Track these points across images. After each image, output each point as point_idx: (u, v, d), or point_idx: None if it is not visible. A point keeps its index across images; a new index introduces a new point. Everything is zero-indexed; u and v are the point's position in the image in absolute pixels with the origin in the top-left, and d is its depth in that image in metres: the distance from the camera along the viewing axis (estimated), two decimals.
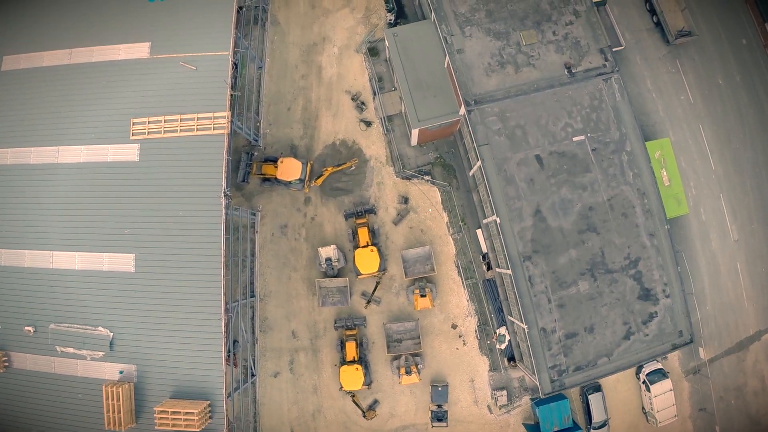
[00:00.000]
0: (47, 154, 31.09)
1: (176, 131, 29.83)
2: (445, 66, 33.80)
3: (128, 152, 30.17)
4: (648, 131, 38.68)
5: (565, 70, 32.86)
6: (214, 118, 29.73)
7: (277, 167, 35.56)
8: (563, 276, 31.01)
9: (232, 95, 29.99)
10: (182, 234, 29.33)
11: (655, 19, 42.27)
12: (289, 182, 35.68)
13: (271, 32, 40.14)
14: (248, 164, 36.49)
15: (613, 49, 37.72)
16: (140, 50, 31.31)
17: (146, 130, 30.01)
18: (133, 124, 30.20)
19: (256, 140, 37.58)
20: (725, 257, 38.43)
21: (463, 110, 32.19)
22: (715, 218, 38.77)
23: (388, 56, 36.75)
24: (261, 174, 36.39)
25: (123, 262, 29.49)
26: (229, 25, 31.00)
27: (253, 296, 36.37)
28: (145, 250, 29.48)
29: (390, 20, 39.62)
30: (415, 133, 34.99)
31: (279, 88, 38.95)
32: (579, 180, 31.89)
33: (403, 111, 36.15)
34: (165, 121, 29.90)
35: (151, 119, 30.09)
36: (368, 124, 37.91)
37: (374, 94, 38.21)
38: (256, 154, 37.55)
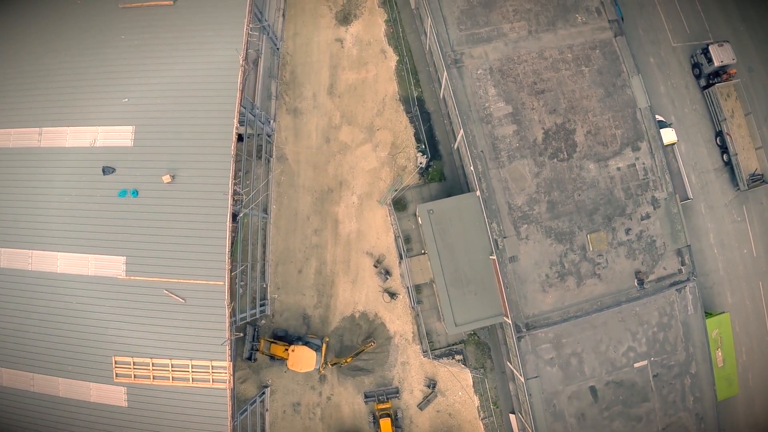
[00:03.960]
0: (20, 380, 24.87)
1: (168, 379, 23.29)
2: (491, 258, 26.57)
3: (114, 395, 23.97)
4: (706, 295, 32.07)
5: (636, 281, 26.81)
6: (212, 368, 23.18)
7: (287, 352, 29.17)
8: None
9: (231, 339, 22.96)
10: None
11: (725, 157, 35.30)
12: None
13: (278, 170, 32.43)
14: (255, 339, 29.86)
15: (681, 203, 31.85)
16: (114, 265, 23.91)
17: (132, 374, 24.10)
18: (116, 364, 23.67)
19: (263, 307, 30.61)
20: None
21: (509, 320, 25.59)
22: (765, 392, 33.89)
23: (422, 237, 28.78)
24: (269, 354, 29.91)
25: None
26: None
27: None
28: None
29: (421, 164, 31.87)
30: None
31: (288, 245, 31.97)
32: (634, 411, 26.23)
33: (438, 307, 29.08)
34: (153, 365, 23.74)
35: (136, 360, 24.04)
36: (393, 295, 31.15)
37: (400, 258, 31.41)
38: (263, 322, 30.72)
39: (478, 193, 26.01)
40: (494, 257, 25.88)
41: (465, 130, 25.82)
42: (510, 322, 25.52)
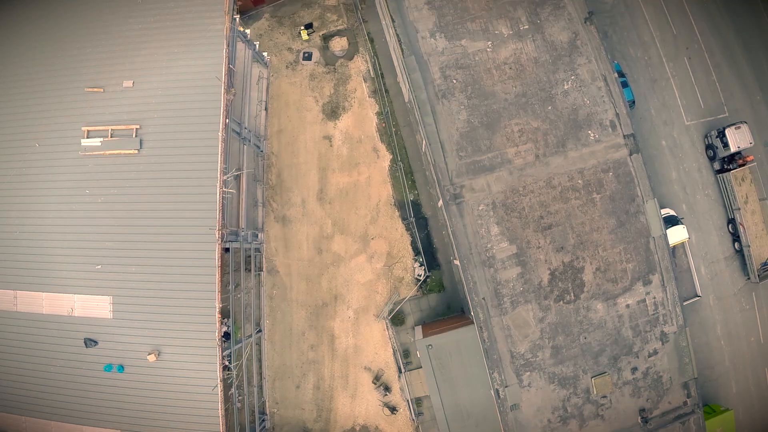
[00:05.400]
0: None
1: None
2: (492, 392, 24.47)
3: None
4: (709, 387, 30.93)
5: (639, 419, 25.65)
6: None
7: None
8: None
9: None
10: None
11: (737, 245, 33.03)
12: None
13: (269, 284, 30.46)
14: None
15: (689, 301, 30.27)
16: None
17: None
18: None
19: (263, 422, 28.99)
20: None
21: None
22: None
23: (421, 366, 26.74)
24: None
25: None
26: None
27: None
28: None
29: (419, 276, 30.19)
30: None
31: (284, 360, 30.33)
32: None
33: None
34: None
35: None
36: (393, 409, 29.83)
37: (399, 372, 30.14)
38: None
39: (484, 359, 24.68)
40: (492, 392, 24.95)
41: (465, 276, 23.70)
42: None
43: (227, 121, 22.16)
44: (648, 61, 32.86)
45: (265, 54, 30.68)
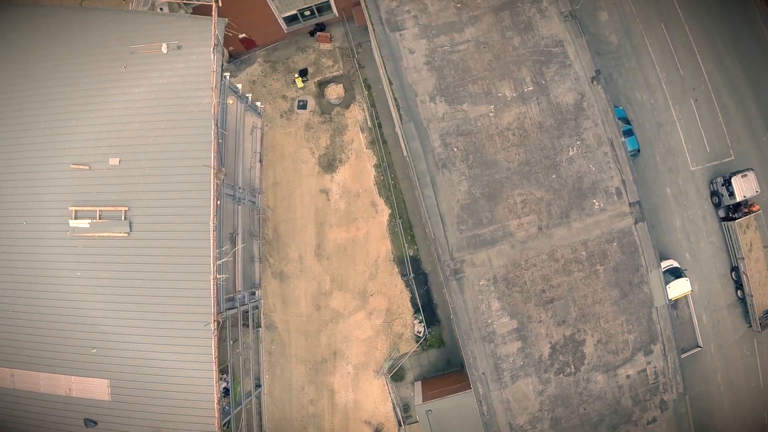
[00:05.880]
0: None
1: None
2: None
3: None
4: None
5: None
6: None
7: None
8: None
9: None
10: None
11: (739, 293, 32.52)
12: None
13: (268, 339, 29.91)
14: None
15: (690, 352, 29.86)
16: None
17: None
18: None
19: None
20: None
21: None
22: None
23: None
24: None
25: None
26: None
27: None
28: None
29: (419, 332, 29.65)
30: None
31: (284, 414, 30.04)
32: None
33: None
34: None
35: None
36: None
37: (399, 425, 29.73)
38: None
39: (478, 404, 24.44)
40: None
41: (465, 351, 23.14)
42: None
43: (218, 201, 21.41)
44: (654, 104, 31.75)
45: (258, 103, 29.65)
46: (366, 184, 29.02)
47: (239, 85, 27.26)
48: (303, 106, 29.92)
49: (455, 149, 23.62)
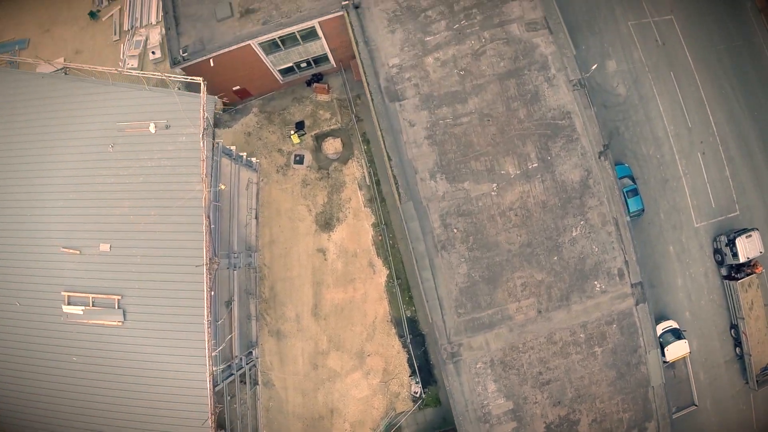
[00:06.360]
0: None
1: None
2: None
3: None
4: None
5: None
6: None
7: None
8: None
9: None
10: None
11: (738, 350, 32.24)
12: None
13: (265, 396, 29.73)
14: None
15: (685, 410, 29.87)
16: None
17: None
18: None
19: None
20: None
21: None
22: None
23: None
24: None
25: None
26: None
27: None
28: None
29: (415, 392, 29.31)
30: None
31: None
32: None
33: None
34: None
35: None
36: None
37: None
38: None
39: None
40: None
41: (460, 431, 23.45)
42: None
43: (212, 292, 20.93)
44: (660, 159, 30.81)
45: (254, 159, 28.76)
46: (364, 244, 28.49)
47: (233, 147, 26.38)
48: (300, 160, 29.07)
49: (455, 230, 23.01)
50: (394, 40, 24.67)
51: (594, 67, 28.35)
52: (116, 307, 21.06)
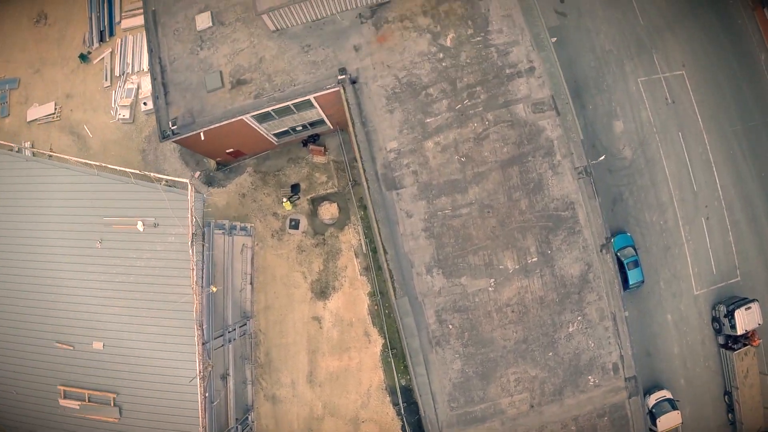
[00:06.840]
0: None
1: None
2: None
3: None
4: None
5: None
6: None
7: None
8: None
9: None
10: None
11: (730, 416, 32.22)
12: None
13: None
14: None
15: None
16: None
17: None
18: None
19: None
20: None
21: None
22: None
23: None
24: None
25: None
26: None
27: None
28: None
29: None
30: None
31: None
32: None
33: None
34: None
35: None
36: None
37: None
38: None
39: None
40: None
41: None
42: None
43: (206, 394, 20.86)
44: (663, 225, 30.09)
45: (248, 225, 28.18)
46: (359, 313, 28.25)
47: (225, 222, 25.76)
48: (295, 225, 28.48)
49: (450, 326, 22.67)
50: (393, 120, 23.73)
51: (602, 158, 27.08)
52: (112, 404, 21.12)
